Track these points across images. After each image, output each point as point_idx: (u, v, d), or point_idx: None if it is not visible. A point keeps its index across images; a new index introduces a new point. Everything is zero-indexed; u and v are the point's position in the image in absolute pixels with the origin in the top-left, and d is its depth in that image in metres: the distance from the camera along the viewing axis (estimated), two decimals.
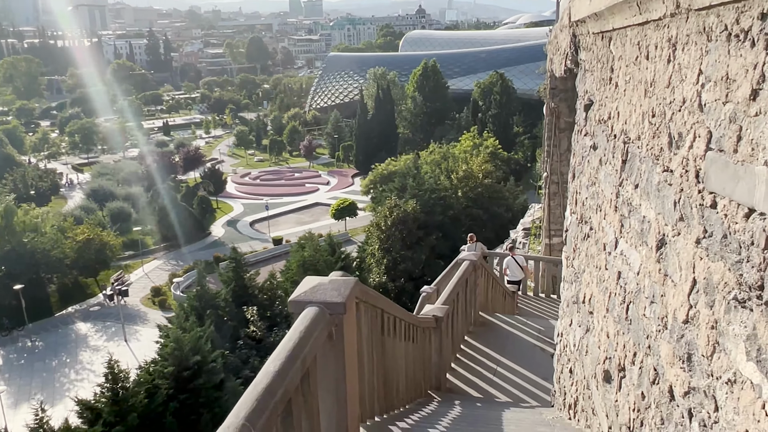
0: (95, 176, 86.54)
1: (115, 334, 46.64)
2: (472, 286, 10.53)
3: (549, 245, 20.04)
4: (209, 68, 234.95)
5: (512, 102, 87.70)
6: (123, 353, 40.78)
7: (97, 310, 51.84)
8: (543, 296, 18.08)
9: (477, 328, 10.86)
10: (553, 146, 19.44)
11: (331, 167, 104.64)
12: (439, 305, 8.83)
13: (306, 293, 3.65)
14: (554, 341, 10.28)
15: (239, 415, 2.51)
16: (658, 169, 3.40)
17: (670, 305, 3.08)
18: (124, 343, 44.73)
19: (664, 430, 3.10)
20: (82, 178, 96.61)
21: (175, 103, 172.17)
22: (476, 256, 10.64)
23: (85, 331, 48.48)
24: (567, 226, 7.39)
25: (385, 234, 36.98)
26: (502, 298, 13.50)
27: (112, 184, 78.95)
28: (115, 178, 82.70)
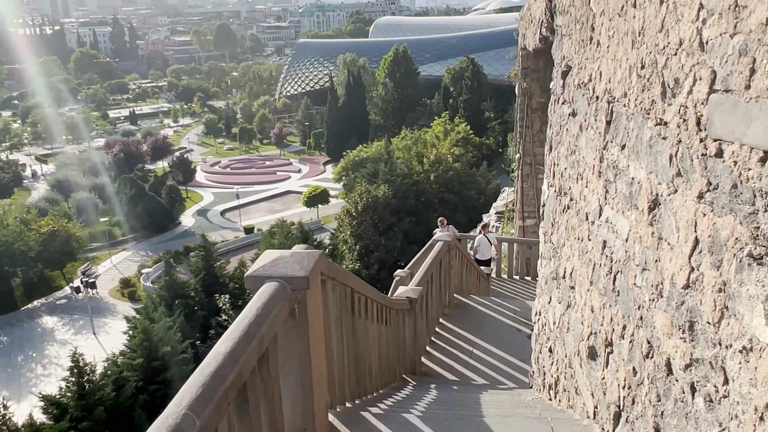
0: (60, 167, 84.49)
1: (83, 327, 45.61)
2: (446, 268, 10.25)
3: (523, 227, 19.90)
4: (176, 56, 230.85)
5: (483, 87, 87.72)
6: (92, 346, 39.90)
7: (65, 303, 50.65)
8: (517, 278, 17.93)
9: (452, 311, 10.60)
10: (525, 127, 19.24)
11: (302, 155, 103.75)
12: (413, 286, 8.53)
13: (265, 267, 3.30)
14: (531, 321, 10.07)
15: (181, 404, 2.16)
16: (650, 124, 3.11)
17: (667, 270, 2.80)
18: (92, 336, 43.75)
19: (661, 407, 2.82)
20: (46, 169, 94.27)
21: (141, 91, 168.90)
22: (450, 237, 10.35)
23: (52, 324, 47.34)
24: (544, 200, 7.13)
25: (357, 220, 36.57)
26: (476, 280, 13.27)
27: (78, 175, 77.15)
28: (81, 169, 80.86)
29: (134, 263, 58.51)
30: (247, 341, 2.61)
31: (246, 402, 2.62)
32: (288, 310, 3.17)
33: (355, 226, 36.62)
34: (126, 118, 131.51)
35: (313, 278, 3.31)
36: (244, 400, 2.61)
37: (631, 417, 3.28)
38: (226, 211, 74.17)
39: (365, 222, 36.48)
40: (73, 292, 50.69)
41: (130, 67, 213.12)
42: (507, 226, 24.28)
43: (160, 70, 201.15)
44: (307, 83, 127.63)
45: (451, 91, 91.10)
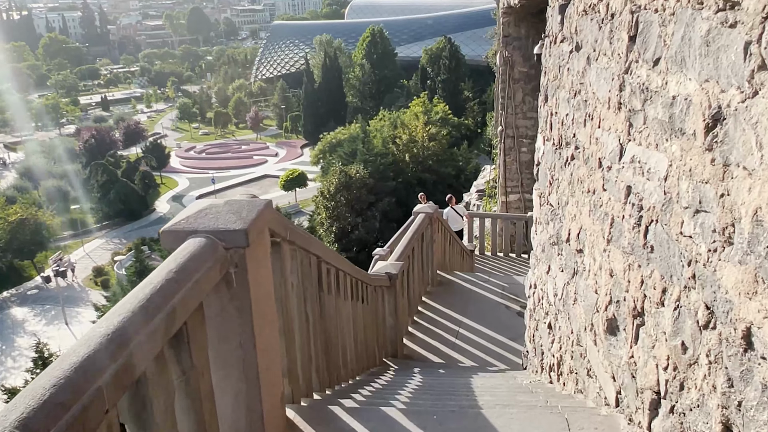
0: (29, 154, 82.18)
1: (55, 318, 44.33)
2: (428, 241, 9.47)
3: (506, 202, 19.18)
4: (149, 41, 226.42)
5: (461, 67, 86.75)
6: (64, 337, 38.74)
7: (36, 293, 49.21)
8: (501, 255, 17.23)
9: (435, 288, 9.84)
10: (507, 98, 18.47)
11: (279, 138, 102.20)
12: (392, 261, 7.73)
13: (188, 220, 2.44)
14: (520, 298, 9.34)
15: (7, 419, 1.31)
16: (706, 14, 2.30)
17: (744, 206, 2.00)
18: (65, 326, 42.50)
19: (736, 395, 2.04)
20: (15, 156, 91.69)
21: (113, 77, 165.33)
22: (432, 208, 9.55)
23: (23, 315, 45.95)
24: (538, 159, 6.35)
25: (332, 201, 35.60)
26: (459, 256, 12.52)
27: (48, 162, 75.06)
28: (51, 156, 78.68)
29: (107, 251, 57.08)
30: (145, 316, 1.77)
31: (146, 406, 1.78)
32: (220, 275, 2.33)
33: (330, 207, 35.67)
34: (97, 104, 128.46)
35: (255, 234, 2.46)
36: (144, 404, 1.77)
37: (679, 407, 2.51)
38: (202, 196, 72.53)
39: (339, 202, 35.52)
40: (44, 282, 49.21)
41: (101, 52, 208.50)
42: (489, 203, 23.56)
43: (132, 55, 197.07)
44: (283, 66, 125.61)
45: (429, 72, 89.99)
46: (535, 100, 19.10)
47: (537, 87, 17.17)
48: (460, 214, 17.08)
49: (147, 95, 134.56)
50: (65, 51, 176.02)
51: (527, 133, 18.62)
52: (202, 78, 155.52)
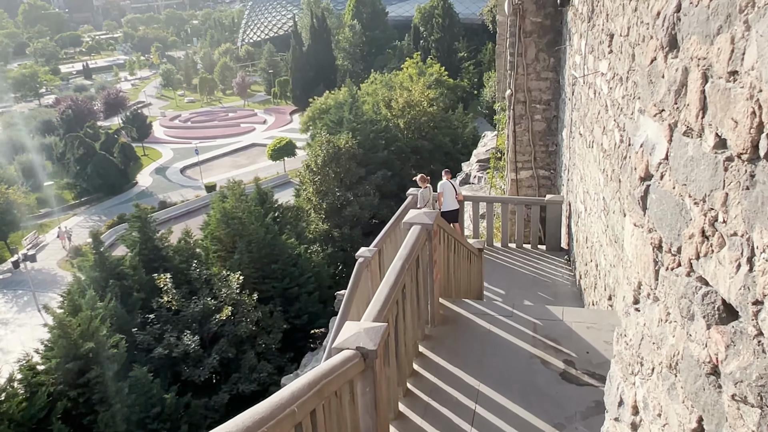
0: (5, 127, 78.30)
1: (27, 304, 41.45)
2: (426, 266, 6.46)
3: (516, 180, 16.13)
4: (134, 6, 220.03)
5: (455, 25, 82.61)
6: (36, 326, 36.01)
7: (8, 277, 46.21)
8: (514, 247, 14.28)
9: (437, 329, 6.87)
10: (517, 55, 15.26)
11: (267, 105, 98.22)
12: (368, 321, 4.76)
13: None
14: (566, 342, 6.45)
15: None
16: None
17: None
18: (38, 313, 39.63)
19: None
20: None
21: (95, 44, 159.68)
22: (430, 215, 6.49)
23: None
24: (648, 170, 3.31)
25: (319, 176, 32.37)
26: (467, 264, 9.53)
27: (24, 135, 71.27)
28: (27, 129, 74.80)
29: (86, 229, 53.82)
30: None
31: None
32: None
33: (317, 182, 32.45)
34: (79, 73, 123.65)
35: None
36: None
37: None
38: (187, 168, 69.28)
39: (328, 176, 32.26)
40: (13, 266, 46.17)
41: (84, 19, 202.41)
42: (494, 179, 20.51)
43: (115, 21, 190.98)
44: (270, 29, 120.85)
45: (422, 32, 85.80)
46: (551, 57, 15.96)
47: (553, 41, 13.86)
48: (456, 189, 14.10)
49: (130, 62, 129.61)
50: (45, 17, 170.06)
51: (541, 98, 15.49)
52: (188, 43, 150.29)
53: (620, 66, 8.38)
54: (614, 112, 8.74)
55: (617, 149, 8.51)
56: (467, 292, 9.48)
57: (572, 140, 12.95)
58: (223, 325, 22.45)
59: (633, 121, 7.71)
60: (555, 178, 15.91)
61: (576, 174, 12.44)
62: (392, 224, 12.03)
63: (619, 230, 8.50)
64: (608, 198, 9.16)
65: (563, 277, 12.67)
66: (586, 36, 11.03)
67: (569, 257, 13.36)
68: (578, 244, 12.14)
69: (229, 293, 22.64)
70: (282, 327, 24.24)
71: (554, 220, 13.80)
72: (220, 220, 25.42)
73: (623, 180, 8.16)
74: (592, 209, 10.62)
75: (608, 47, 9.11)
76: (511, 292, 11.97)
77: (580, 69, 11.64)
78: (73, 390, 17.58)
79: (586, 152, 11.10)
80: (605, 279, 9.54)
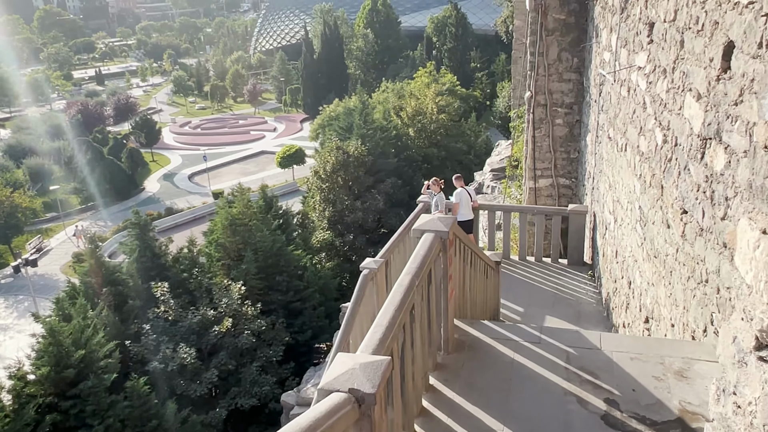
0: (15, 131, 78.03)
1: (28, 310, 40.56)
2: (439, 282, 5.41)
3: (534, 189, 15.06)
4: (149, 14, 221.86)
5: (468, 35, 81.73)
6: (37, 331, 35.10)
7: (10, 282, 45.46)
8: (532, 260, 13.19)
9: (451, 356, 5.80)
10: (538, 55, 14.24)
11: (278, 113, 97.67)
12: (366, 355, 3.74)
13: None
14: (607, 375, 5.39)
15: None
16: None
17: None
18: None
19: None
20: (3, 133, 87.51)
21: (109, 50, 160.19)
22: (445, 222, 5.43)
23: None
24: None
25: (327, 183, 31.31)
26: (484, 279, 8.46)
27: (33, 139, 70.88)
28: (37, 133, 74.42)
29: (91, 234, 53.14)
30: None
31: None
32: None
33: (325, 189, 31.41)
34: (91, 78, 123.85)
35: None
36: None
37: None
38: (195, 174, 68.59)
39: (336, 183, 31.21)
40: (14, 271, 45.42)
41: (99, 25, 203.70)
42: (509, 188, 19.45)
43: (130, 28, 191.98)
44: (283, 37, 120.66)
45: (435, 42, 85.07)
46: (574, 57, 14.88)
47: (577, 39, 12.70)
48: (471, 196, 13.01)
49: (142, 68, 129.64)
50: (60, 24, 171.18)
51: (563, 100, 14.44)
52: (201, 51, 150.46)
53: (663, 56, 7.34)
54: (655, 110, 7.69)
55: (659, 151, 7.45)
56: (483, 311, 8.42)
57: (599, 145, 11.89)
58: (223, 337, 21.41)
59: (680, 116, 6.66)
60: (577, 187, 14.83)
61: (603, 182, 11.38)
62: (401, 233, 11.01)
63: (660, 243, 7.42)
64: (646, 207, 8.09)
65: (587, 295, 11.58)
66: (618, 29, 10.00)
67: (593, 273, 12.27)
68: (605, 259, 11.05)
69: (230, 304, 21.63)
70: (284, 340, 23.17)
71: (577, 231, 12.71)
72: (226, 227, 24.43)
73: (667, 186, 7.09)
74: (624, 220, 9.54)
75: (647, 37, 8.08)
76: (530, 310, 10.90)
77: (610, 66, 10.61)
78: (64, 401, 16.59)
79: (617, 157, 10.03)
80: (641, 299, 8.46)
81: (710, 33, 5.73)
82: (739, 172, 5.10)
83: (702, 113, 5.96)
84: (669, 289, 7.06)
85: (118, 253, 42.69)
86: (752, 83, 4.82)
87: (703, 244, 5.92)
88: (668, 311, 7.12)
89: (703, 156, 5.94)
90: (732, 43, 5.24)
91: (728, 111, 5.33)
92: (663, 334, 7.27)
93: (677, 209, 6.68)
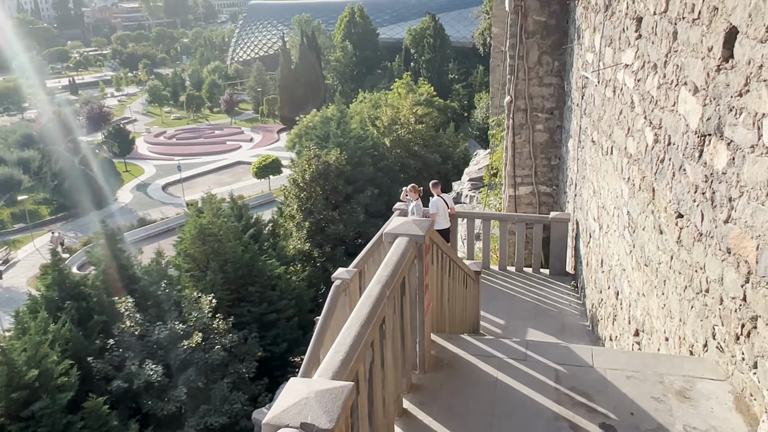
0: None
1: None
2: (414, 293, 4.81)
3: (514, 197, 14.58)
4: (125, 24, 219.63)
5: (446, 47, 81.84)
6: None
7: None
8: (513, 270, 12.66)
9: (427, 377, 5.19)
10: (518, 58, 13.80)
11: (255, 123, 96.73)
12: (324, 380, 3.10)
13: None
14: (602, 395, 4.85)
15: None
16: None
17: None
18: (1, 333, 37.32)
19: None
20: None
21: (83, 59, 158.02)
22: (421, 225, 4.85)
23: None
24: None
25: (305, 192, 30.58)
26: (463, 289, 7.88)
27: (2, 149, 69.15)
28: (6, 143, 72.66)
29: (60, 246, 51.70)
30: None
31: None
32: None
33: (303, 198, 30.66)
34: (65, 88, 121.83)
35: None
36: None
37: None
38: (169, 185, 67.37)
39: (315, 193, 30.50)
40: None
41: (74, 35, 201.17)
42: (488, 197, 18.97)
43: (105, 38, 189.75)
44: (260, 48, 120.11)
45: (413, 54, 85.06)
46: (555, 61, 14.44)
47: (558, 42, 12.23)
48: (448, 204, 12.43)
49: (117, 78, 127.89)
50: (34, 33, 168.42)
51: (544, 105, 14.00)
52: (177, 61, 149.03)
53: (654, 51, 6.87)
54: (644, 108, 7.22)
55: (650, 152, 6.96)
56: (462, 324, 7.83)
57: (581, 150, 11.44)
58: (192, 352, 20.55)
59: (674, 113, 6.18)
60: (558, 194, 14.38)
61: (586, 188, 10.91)
62: (376, 242, 10.42)
63: (651, 250, 6.92)
64: (635, 212, 7.60)
65: (571, 306, 11.07)
66: (602, 28, 9.56)
67: (577, 283, 11.78)
68: (589, 269, 10.56)
69: (200, 317, 20.80)
70: (257, 355, 22.36)
71: (559, 240, 12.22)
72: (195, 237, 23.61)
73: (660, 188, 6.60)
74: (610, 227, 9.05)
75: (635, 32, 7.63)
76: (512, 323, 10.35)
77: (594, 67, 10.17)
78: (15, 423, 15.63)
79: (602, 161, 9.56)
80: (630, 310, 7.94)
81: (708, 20, 5.26)
82: (746, 169, 4.60)
83: (700, 108, 5.47)
84: (662, 299, 6.54)
85: (89, 266, 41.50)
86: (760, 70, 4.33)
87: (702, 251, 5.41)
88: (661, 323, 6.60)
89: (702, 154, 5.45)
90: (734, 29, 4.76)
91: (731, 103, 4.84)
92: (656, 348, 6.75)
93: (671, 213, 6.18)
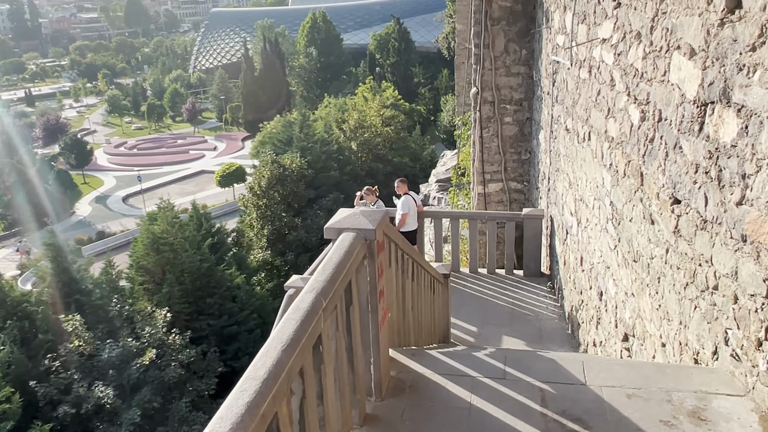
0: None
1: None
2: (365, 301, 3.84)
3: (484, 195, 13.73)
4: (84, 34, 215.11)
5: (411, 51, 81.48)
6: None
7: None
8: (485, 272, 11.79)
9: (385, 405, 4.21)
10: (483, 47, 12.97)
11: (219, 131, 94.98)
12: None
13: None
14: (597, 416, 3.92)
15: None
16: None
17: None
18: None
19: None
20: None
21: (40, 70, 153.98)
22: (372, 217, 3.89)
23: None
24: None
25: (264, 199, 29.46)
26: (430, 294, 6.93)
27: None
28: None
29: (13, 262, 49.67)
30: None
31: None
32: None
33: (262, 206, 29.53)
34: (20, 100, 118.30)
35: None
36: None
37: None
38: (129, 196, 65.41)
39: (273, 199, 29.39)
40: None
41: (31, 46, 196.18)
42: (456, 197, 18.14)
43: (63, 48, 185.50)
44: (223, 55, 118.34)
45: (378, 59, 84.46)
46: (522, 49, 13.66)
47: (525, 29, 11.26)
48: (417, 201, 11.52)
49: (75, 88, 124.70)
50: None
51: (512, 96, 13.20)
52: (138, 70, 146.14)
53: (637, 18, 6.04)
54: (627, 84, 6.38)
55: (636, 132, 6.11)
56: (430, 335, 6.88)
57: (554, 141, 10.63)
58: (147, 371, 19.24)
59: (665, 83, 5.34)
60: (530, 191, 13.57)
61: (561, 181, 10.09)
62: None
63: (641, 244, 6.06)
64: (620, 202, 6.75)
65: (548, 309, 10.22)
66: (574, 5, 8.77)
67: (553, 284, 10.95)
68: (566, 268, 9.73)
69: (154, 333, 19.52)
70: (217, 371, 21.14)
71: (533, 239, 11.38)
72: (148, 247, 22.31)
73: (650, 172, 5.75)
74: (590, 221, 8.20)
75: (614, 1, 6.83)
76: (485, 330, 9.45)
77: (565, 50, 9.37)
78: None
79: (578, 149, 8.73)
80: (617, 312, 7.09)
81: None
82: (764, 138, 3.75)
83: (698, 72, 4.62)
84: (657, 299, 5.68)
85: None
86: None
87: (707, 240, 4.53)
88: (656, 327, 5.73)
89: (703, 126, 4.58)
90: None
91: (740, 61, 3.97)
92: (651, 355, 5.88)
93: (666, 199, 5.31)
